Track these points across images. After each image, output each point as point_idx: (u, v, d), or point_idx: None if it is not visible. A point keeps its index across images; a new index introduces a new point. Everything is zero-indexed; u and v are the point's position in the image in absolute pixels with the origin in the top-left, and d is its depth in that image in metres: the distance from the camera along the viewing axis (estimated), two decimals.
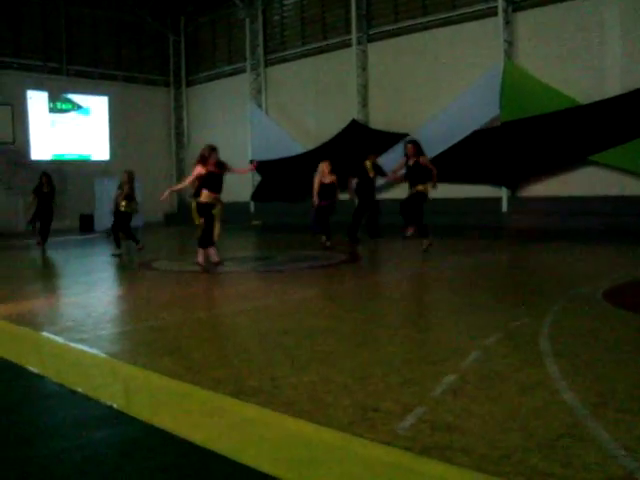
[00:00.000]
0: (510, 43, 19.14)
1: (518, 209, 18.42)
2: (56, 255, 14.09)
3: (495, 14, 19.32)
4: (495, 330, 5.33)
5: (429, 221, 12.02)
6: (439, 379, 3.99)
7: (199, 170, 9.79)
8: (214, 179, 9.84)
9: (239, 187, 26.54)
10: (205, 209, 9.88)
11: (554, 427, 3.15)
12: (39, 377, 4.45)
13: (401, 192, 17.04)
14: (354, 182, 14.94)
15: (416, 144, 11.81)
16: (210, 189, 9.79)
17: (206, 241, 9.92)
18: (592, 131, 16.77)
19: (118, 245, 13.36)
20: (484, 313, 6.42)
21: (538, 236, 15.07)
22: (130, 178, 13.57)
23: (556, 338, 5.01)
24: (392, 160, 21.15)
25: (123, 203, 13.39)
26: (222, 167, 9.99)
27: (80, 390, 4.05)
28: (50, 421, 3.64)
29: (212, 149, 9.89)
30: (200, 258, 9.99)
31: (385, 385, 3.91)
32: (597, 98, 17.02)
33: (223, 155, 9.74)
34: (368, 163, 14.80)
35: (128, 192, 13.44)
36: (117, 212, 13.51)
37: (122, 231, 13.51)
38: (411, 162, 11.60)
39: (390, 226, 14.87)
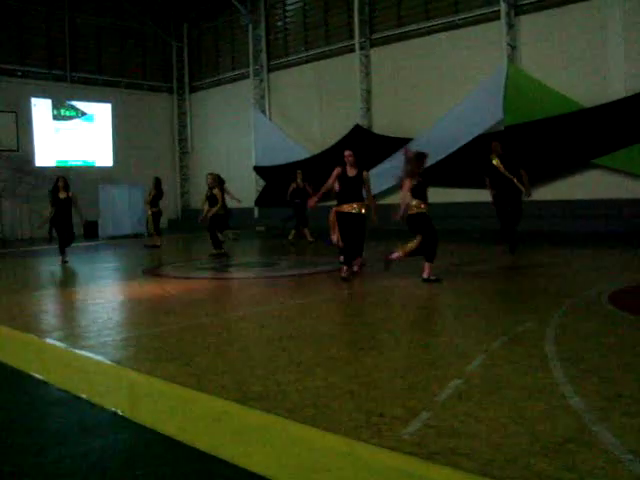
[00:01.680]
0: (513, 47, 19.16)
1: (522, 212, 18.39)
2: (60, 262, 14.09)
3: (498, 18, 19.36)
4: (500, 334, 5.32)
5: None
6: (444, 384, 3.97)
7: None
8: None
9: (243, 192, 26.61)
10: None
11: (560, 431, 3.13)
12: (43, 384, 4.46)
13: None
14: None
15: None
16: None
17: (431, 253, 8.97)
18: (596, 134, 16.77)
19: (221, 244, 14.03)
20: (489, 317, 6.40)
21: (543, 239, 15.04)
22: (221, 181, 14.41)
23: (561, 342, 5.00)
24: (395, 167, 21.22)
25: (216, 207, 14.08)
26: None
27: (84, 396, 4.06)
28: (54, 428, 3.63)
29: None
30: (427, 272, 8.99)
31: (390, 390, 3.90)
32: (600, 101, 17.02)
33: (227, 161, 9.71)
34: (494, 158, 11.97)
35: (213, 194, 14.15)
36: (215, 215, 14.14)
37: (211, 232, 14.04)
38: (351, 173, 9.72)
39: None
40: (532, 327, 5.58)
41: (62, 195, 13.36)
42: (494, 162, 11.83)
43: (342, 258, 9.52)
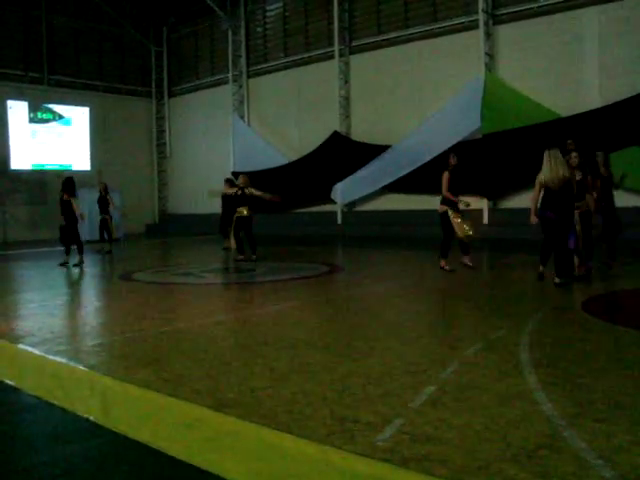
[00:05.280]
0: (491, 56, 19.35)
1: (499, 220, 18.56)
2: (35, 267, 13.95)
3: (476, 27, 19.54)
4: (475, 341, 5.35)
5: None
6: (419, 390, 3.98)
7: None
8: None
9: (219, 199, 26.52)
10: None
11: (532, 437, 3.16)
12: (15, 390, 4.39)
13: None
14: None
15: None
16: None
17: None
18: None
19: (241, 251, 13.47)
20: (464, 324, 6.44)
21: (520, 247, 15.16)
22: (245, 182, 13.80)
23: (535, 348, 5.04)
24: (373, 173, 21.28)
25: (244, 210, 13.54)
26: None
27: (57, 403, 4.00)
28: (26, 434, 3.58)
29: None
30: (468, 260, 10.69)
31: (364, 396, 3.90)
32: (576, 111, 17.23)
33: (206, 167, 9.63)
34: (600, 156, 10.08)
35: (244, 195, 13.62)
36: (239, 218, 13.62)
37: (246, 234, 13.63)
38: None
39: None
40: (506, 334, 5.62)
41: (65, 197, 13.31)
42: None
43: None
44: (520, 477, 2.73)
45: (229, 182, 16.00)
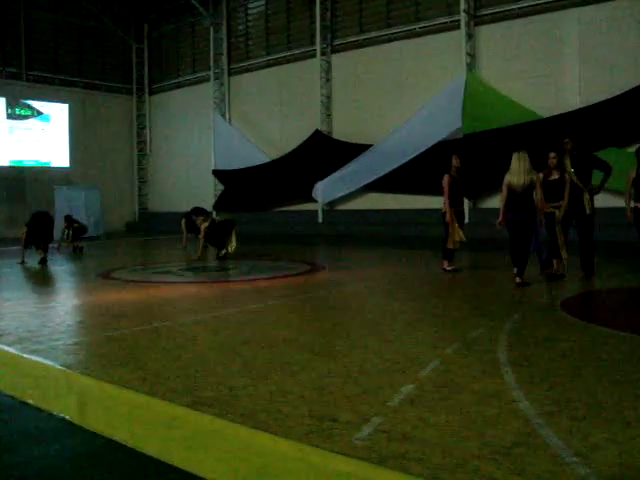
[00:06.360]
0: (472, 56, 19.47)
1: (480, 220, 18.64)
2: (11, 266, 13.79)
3: (458, 27, 19.65)
4: (454, 340, 5.37)
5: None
6: (397, 389, 3.99)
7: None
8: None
9: (200, 196, 26.42)
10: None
11: (509, 435, 3.17)
12: None
13: None
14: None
15: None
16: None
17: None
18: (551, 144, 17.08)
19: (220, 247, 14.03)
20: (443, 323, 6.47)
21: (499, 246, 15.24)
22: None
23: (513, 347, 5.07)
24: (355, 172, 21.28)
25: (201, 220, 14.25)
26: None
27: (32, 402, 3.96)
28: (0, 434, 3.54)
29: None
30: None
31: (343, 395, 3.90)
32: (556, 111, 17.38)
33: (186, 165, 9.59)
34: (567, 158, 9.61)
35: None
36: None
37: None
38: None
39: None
40: (485, 333, 5.65)
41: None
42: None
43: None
44: (497, 475, 2.74)
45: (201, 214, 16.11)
